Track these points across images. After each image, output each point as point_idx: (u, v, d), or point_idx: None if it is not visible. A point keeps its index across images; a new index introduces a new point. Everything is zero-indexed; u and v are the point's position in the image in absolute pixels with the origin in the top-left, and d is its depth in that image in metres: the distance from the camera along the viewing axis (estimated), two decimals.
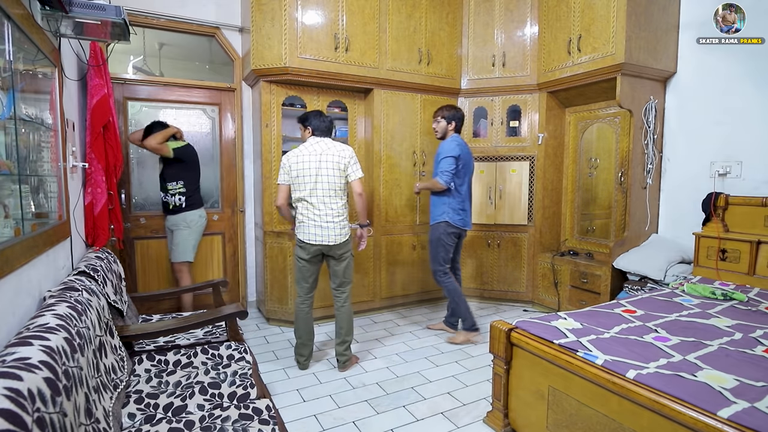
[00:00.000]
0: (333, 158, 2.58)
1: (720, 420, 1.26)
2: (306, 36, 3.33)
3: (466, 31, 4.07)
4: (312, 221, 2.58)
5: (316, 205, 2.57)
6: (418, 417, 2.24)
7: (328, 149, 2.60)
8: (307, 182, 2.56)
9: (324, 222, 2.57)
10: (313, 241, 2.59)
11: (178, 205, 3.22)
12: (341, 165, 2.59)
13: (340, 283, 2.73)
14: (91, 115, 2.20)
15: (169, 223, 3.28)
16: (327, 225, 2.58)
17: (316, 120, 2.68)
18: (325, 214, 2.58)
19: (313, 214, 2.58)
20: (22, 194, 1.32)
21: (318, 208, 2.58)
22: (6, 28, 1.20)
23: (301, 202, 2.61)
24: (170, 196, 3.22)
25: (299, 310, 2.72)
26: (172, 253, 3.29)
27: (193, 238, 3.30)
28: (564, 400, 1.77)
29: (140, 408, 1.56)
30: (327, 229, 2.58)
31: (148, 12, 3.40)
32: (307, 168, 2.56)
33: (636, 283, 3.16)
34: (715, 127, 3.13)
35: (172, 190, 3.23)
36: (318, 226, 2.57)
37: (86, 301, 1.50)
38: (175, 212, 3.23)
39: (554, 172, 4.01)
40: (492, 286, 4.18)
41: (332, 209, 2.59)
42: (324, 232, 2.58)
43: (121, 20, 1.77)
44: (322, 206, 2.58)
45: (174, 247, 3.27)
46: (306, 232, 2.60)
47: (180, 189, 3.23)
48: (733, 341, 1.87)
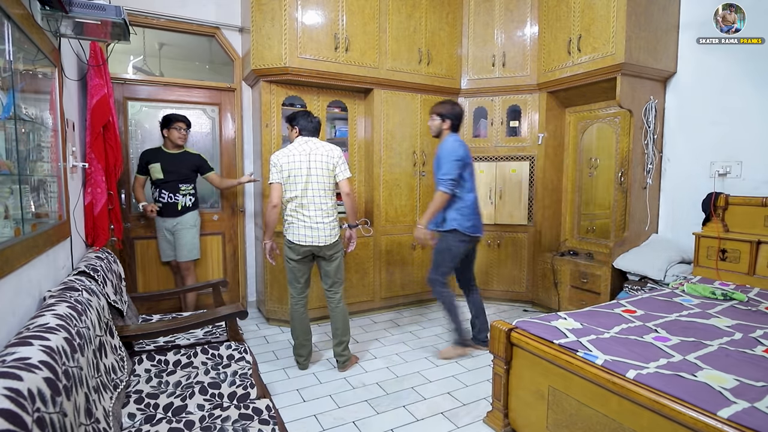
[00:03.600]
0: (322, 158, 2.57)
1: (720, 420, 1.26)
2: (306, 36, 3.33)
3: (466, 31, 4.07)
4: (302, 222, 2.56)
5: (307, 205, 2.55)
6: (418, 417, 2.24)
7: (317, 149, 2.58)
8: (298, 182, 2.54)
9: (314, 222, 2.55)
10: (303, 242, 2.56)
11: (187, 205, 3.28)
12: (330, 165, 2.59)
13: (332, 284, 2.71)
14: (91, 115, 2.20)
15: (172, 224, 3.27)
16: (317, 225, 2.55)
17: (304, 120, 2.66)
18: (315, 214, 2.56)
19: (302, 215, 2.55)
20: (22, 194, 1.32)
21: (308, 208, 2.56)
22: (6, 28, 1.20)
23: (291, 202, 2.58)
24: (181, 196, 3.25)
25: (294, 311, 2.71)
26: (180, 252, 3.30)
27: (198, 236, 3.41)
28: (564, 400, 1.77)
29: (140, 408, 1.56)
30: (317, 229, 2.55)
31: (148, 12, 3.40)
32: (299, 168, 2.54)
33: (636, 283, 3.16)
34: (714, 127, 3.13)
35: (185, 191, 3.27)
36: (308, 227, 2.55)
37: (86, 301, 1.50)
38: (184, 212, 3.27)
39: (554, 172, 4.01)
40: (492, 286, 4.18)
41: (322, 209, 2.57)
42: (314, 233, 2.55)
43: (121, 20, 1.77)
44: (312, 206, 2.56)
45: (182, 246, 3.29)
46: (296, 233, 2.57)
47: (191, 190, 3.31)
48: (733, 341, 1.87)
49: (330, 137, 3.96)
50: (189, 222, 3.29)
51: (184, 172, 3.26)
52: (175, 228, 3.27)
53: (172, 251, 3.34)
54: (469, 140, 4.15)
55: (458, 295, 3.27)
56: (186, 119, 3.29)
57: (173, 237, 3.29)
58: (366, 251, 3.75)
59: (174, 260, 3.36)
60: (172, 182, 3.22)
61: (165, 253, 3.37)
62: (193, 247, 3.33)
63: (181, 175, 3.24)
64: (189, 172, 3.30)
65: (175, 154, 3.26)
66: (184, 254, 3.29)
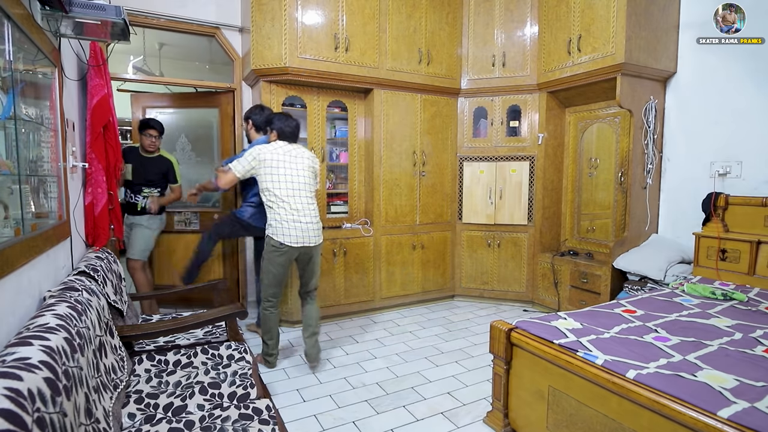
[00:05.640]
0: (308, 162, 2.65)
1: (720, 420, 1.26)
2: (306, 36, 3.33)
3: (466, 31, 4.07)
4: (296, 223, 2.55)
5: (296, 206, 2.56)
6: (418, 417, 2.24)
7: (303, 153, 2.65)
8: (288, 182, 2.55)
9: (305, 224, 2.57)
10: (295, 243, 2.55)
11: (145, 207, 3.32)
12: (315, 170, 2.70)
13: (313, 285, 2.78)
14: (91, 115, 2.20)
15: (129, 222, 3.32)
16: (308, 227, 2.58)
17: (281, 123, 2.62)
18: (304, 215, 2.58)
19: (294, 217, 2.55)
20: (22, 194, 1.32)
21: (299, 210, 2.57)
22: (6, 28, 1.20)
23: (275, 202, 2.54)
24: (141, 198, 3.31)
25: (272, 315, 2.69)
26: (130, 249, 3.31)
27: (152, 240, 3.42)
28: (564, 400, 1.77)
29: (140, 408, 1.56)
30: (308, 231, 2.58)
31: (148, 12, 3.40)
32: (290, 168, 2.56)
33: (636, 283, 3.16)
34: (715, 127, 3.13)
35: (146, 193, 3.32)
36: (300, 229, 2.56)
37: (86, 301, 1.50)
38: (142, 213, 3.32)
39: (554, 172, 4.02)
40: (492, 286, 4.18)
41: (311, 210, 2.63)
42: (305, 234, 2.57)
43: (121, 20, 1.77)
44: (301, 207, 2.58)
45: (132, 244, 3.30)
46: (288, 234, 2.54)
47: (155, 194, 3.36)
48: (733, 341, 1.87)
49: (330, 137, 3.96)
50: (144, 223, 3.31)
51: (150, 177, 3.33)
52: (132, 225, 3.32)
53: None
54: (469, 140, 4.16)
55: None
56: (159, 126, 3.35)
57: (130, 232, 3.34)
58: (366, 251, 3.75)
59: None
60: (137, 184, 3.30)
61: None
62: (139, 248, 3.30)
63: (146, 179, 3.31)
64: (156, 177, 3.36)
65: (147, 157, 3.35)
66: (130, 251, 3.31)
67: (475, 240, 4.17)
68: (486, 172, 4.11)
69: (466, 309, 4.03)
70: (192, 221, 3.88)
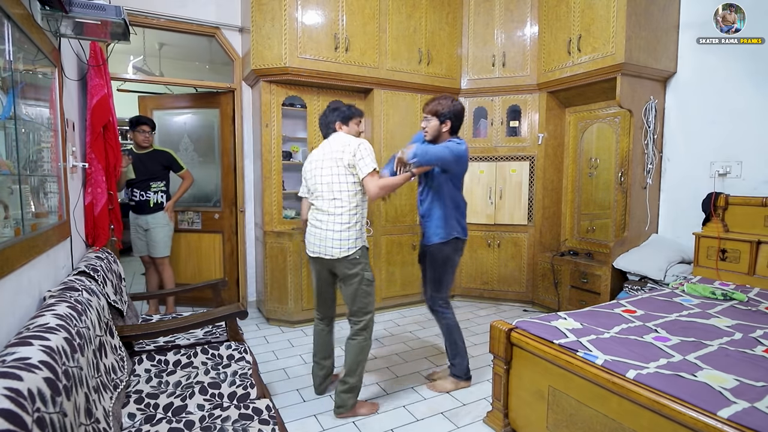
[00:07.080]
0: (332, 154, 2.16)
1: (720, 420, 1.26)
2: (306, 36, 3.33)
3: (466, 31, 4.07)
4: (313, 226, 2.23)
5: (318, 208, 2.22)
6: (418, 417, 2.24)
7: (331, 145, 2.21)
8: (311, 184, 2.26)
9: (321, 230, 2.17)
10: (309, 251, 2.26)
11: (159, 202, 3.36)
12: (343, 162, 2.12)
13: (351, 312, 2.23)
14: (91, 115, 2.20)
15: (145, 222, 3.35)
16: (325, 235, 2.15)
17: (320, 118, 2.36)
18: (320, 221, 2.18)
19: (315, 220, 2.22)
20: (22, 194, 1.32)
21: (318, 211, 2.21)
22: (6, 28, 1.20)
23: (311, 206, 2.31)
24: (153, 194, 3.33)
25: (315, 325, 2.44)
26: (154, 249, 3.38)
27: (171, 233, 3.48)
28: (564, 400, 1.77)
29: (140, 408, 1.56)
30: (324, 239, 2.15)
31: (148, 12, 3.40)
32: (311, 169, 2.26)
33: (636, 283, 3.15)
34: (714, 127, 3.13)
35: (155, 188, 3.35)
36: (314, 235, 2.21)
37: (86, 301, 1.50)
38: (156, 210, 3.35)
39: (554, 172, 4.01)
40: (492, 286, 4.18)
41: (330, 215, 2.15)
42: (320, 242, 2.17)
43: (121, 20, 1.77)
44: (317, 211, 2.22)
45: (155, 244, 3.37)
46: (306, 240, 2.29)
47: (162, 187, 3.40)
48: (733, 341, 1.87)
49: None
50: (162, 221, 3.37)
51: (153, 170, 3.36)
52: (149, 226, 3.35)
53: (145, 247, 3.42)
54: (469, 140, 4.15)
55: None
56: (150, 122, 3.40)
57: (146, 234, 3.37)
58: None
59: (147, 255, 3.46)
60: (143, 180, 3.32)
61: (138, 248, 3.46)
62: (165, 245, 3.42)
63: (151, 173, 3.34)
64: (159, 170, 3.39)
65: (143, 153, 3.38)
66: (158, 251, 3.39)
67: (475, 240, 4.16)
68: (486, 172, 4.11)
69: (466, 309, 4.03)
70: (194, 221, 3.89)
